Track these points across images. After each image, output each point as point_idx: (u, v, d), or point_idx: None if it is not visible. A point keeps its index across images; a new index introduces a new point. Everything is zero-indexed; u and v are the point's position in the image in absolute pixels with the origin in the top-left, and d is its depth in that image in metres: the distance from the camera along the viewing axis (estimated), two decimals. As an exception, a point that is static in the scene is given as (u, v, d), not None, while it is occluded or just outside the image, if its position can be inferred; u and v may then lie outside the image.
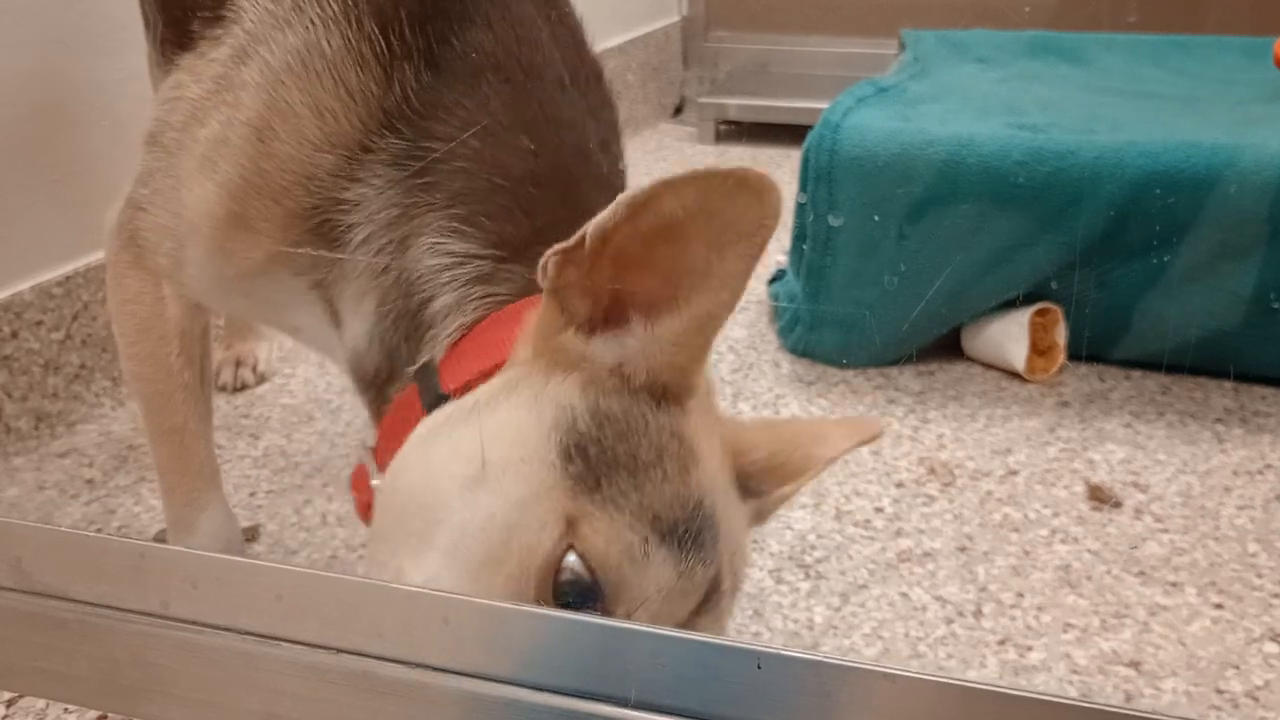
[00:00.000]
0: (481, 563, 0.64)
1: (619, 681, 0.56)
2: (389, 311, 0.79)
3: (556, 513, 0.63)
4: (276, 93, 0.83)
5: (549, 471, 0.64)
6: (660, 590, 0.62)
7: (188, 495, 1.03)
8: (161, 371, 0.98)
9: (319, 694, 0.61)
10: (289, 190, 0.82)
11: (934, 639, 1.11)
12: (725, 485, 0.71)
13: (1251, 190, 1.49)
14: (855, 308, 1.64)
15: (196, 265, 0.90)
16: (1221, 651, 1.09)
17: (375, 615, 0.60)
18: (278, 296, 0.88)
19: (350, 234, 0.81)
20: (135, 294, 0.96)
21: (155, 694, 0.65)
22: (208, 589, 0.63)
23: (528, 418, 0.66)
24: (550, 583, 0.62)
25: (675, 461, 0.64)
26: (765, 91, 2.92)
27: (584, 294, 0.66)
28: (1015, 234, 1.57)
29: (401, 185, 0.80)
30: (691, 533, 0.63)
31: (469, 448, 0.66)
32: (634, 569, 0.62)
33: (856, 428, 0.85)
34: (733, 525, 0.70)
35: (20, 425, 1.42)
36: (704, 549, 0.64)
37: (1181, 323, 1.57)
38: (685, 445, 0.65)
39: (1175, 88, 1.96)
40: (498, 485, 0.64)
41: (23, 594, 0.66)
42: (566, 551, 0.62)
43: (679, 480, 0.64)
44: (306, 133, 0.82)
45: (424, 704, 0.59)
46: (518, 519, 0.63)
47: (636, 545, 0.62)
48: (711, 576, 0.65)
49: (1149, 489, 1.35)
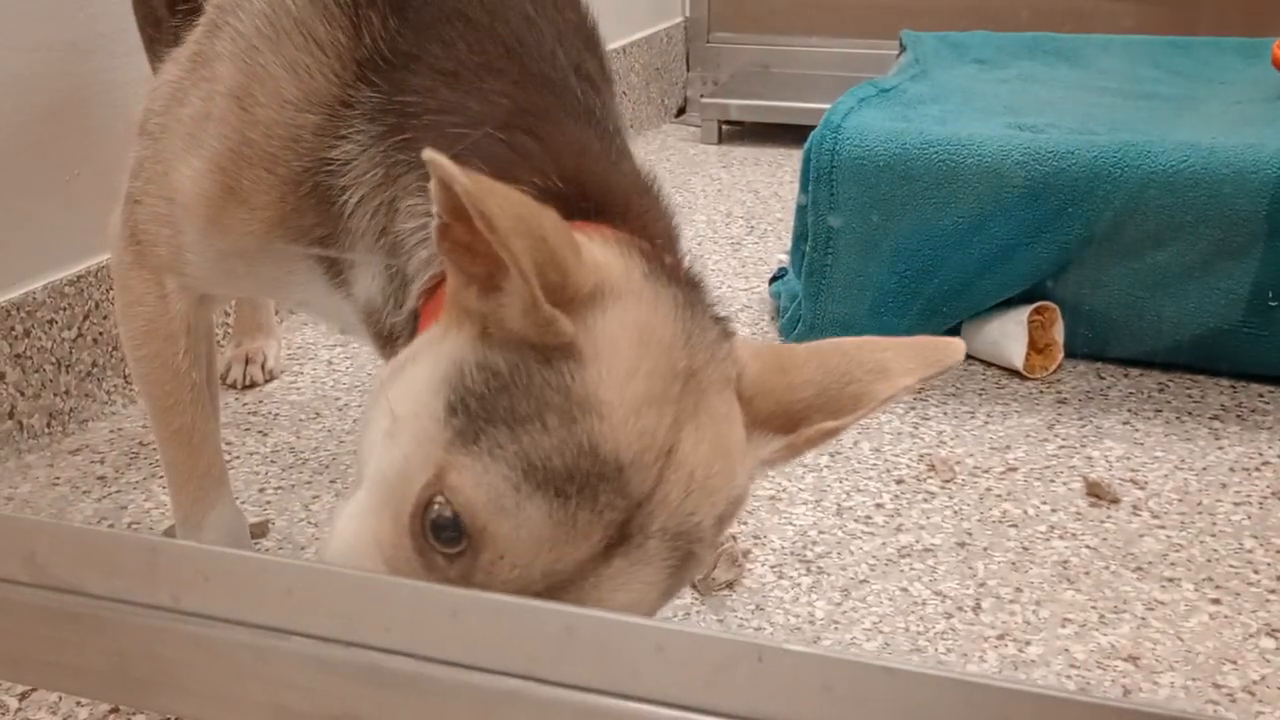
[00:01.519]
0: (379, 505, 0.67)
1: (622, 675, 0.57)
2: (395, 271, 0.80)
3: (431, 462, 0.65)
4: (250, 58, 0.83)
5: (433, 424, 0.66)
6: (536, 536, 0.63)
7: (195, 494, 1.04)
8: (168, 372, 0.99)
9: (328, 687, 0.62)
10: (277, 155, 0.83)
11: (934, 634, 1.12)
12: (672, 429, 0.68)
13: (1249, 190, 1.50)
14: (856, 307, 1.65)
15: (195, 249, 0.90)
16: (1219, 646, 1.10)
17: (384, 609, 0.61)
18: (280, 271, 0.88)
19: (344, 197, 0.81)
20: (139, 295, 0.97)
21: (166, 687, 0.66)
22: (219, 583, 0.64)
23: (428, 372, 0.69)
24: (420, 524, 0.65)
25: (558, 414, 0.64)
26: (767, 92, 2.93)
27: (471, 254, 0.67)
28: (1014, 233, 1.58)
29: (382, 143, 0.80)
30: (577, 481, 0.63)
31: (390, 402, 0.70)
32: (503, 516, 0.63)
33: (924, 353, 0.74)
34: (688, 469, 0.67)
35: (33, 422, 1.44)
36: (596, 498, 0.64)
37: (1179, 321, 1.58)
38: (574, 398, 0.65)
39: (1173, 88, 1.96)
40: (398, 437, 0.68)
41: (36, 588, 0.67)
42: (434, 497, 0.64)
43: (563, 431, 0.64)
44: (285, 93, 0.82)
45: (432, 697, 0.60)
46: (403, 468, 0.66)
47: (506, 493, 0.63)
48: (611, 523, 0.65)
49: (1147, 485, 1.37)
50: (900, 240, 1.61)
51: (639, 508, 0.66)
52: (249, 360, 1.64)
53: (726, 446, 0.71)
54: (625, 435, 0.65)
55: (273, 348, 1.68)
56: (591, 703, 0.57)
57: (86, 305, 1.49)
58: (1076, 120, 1.72)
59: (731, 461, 0.71)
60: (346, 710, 0.62)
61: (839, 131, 1.63)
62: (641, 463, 0.65)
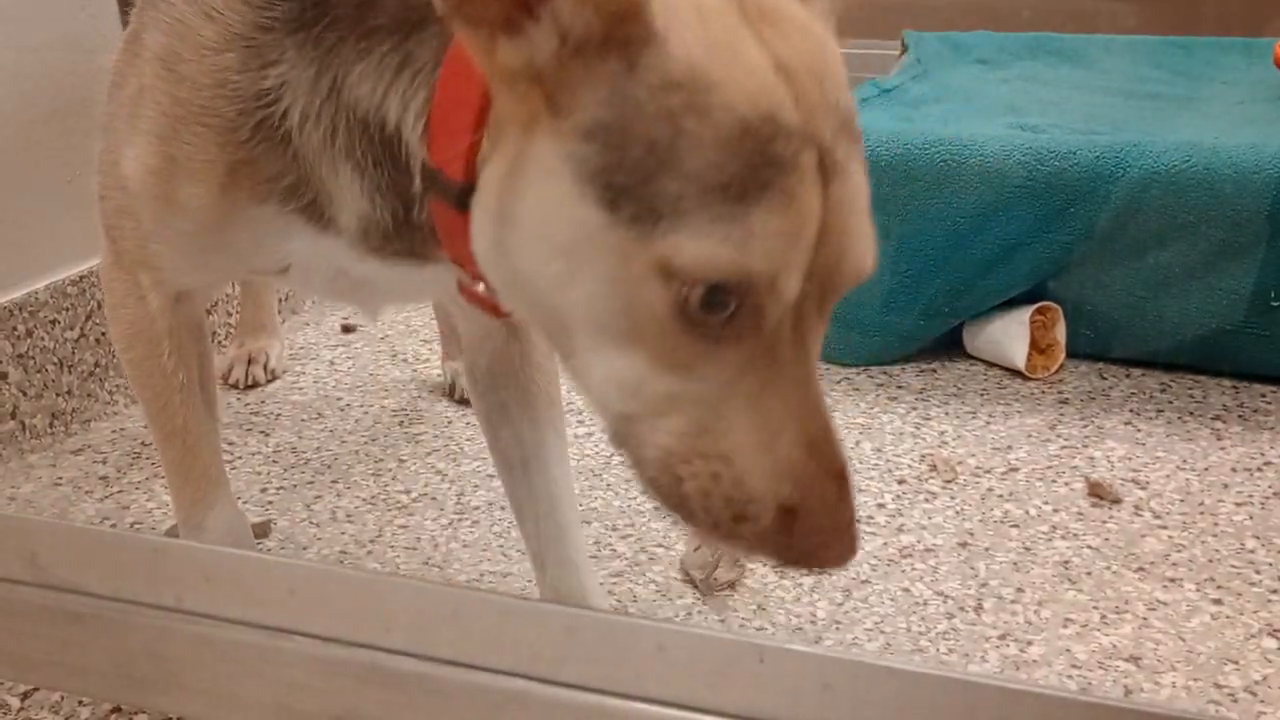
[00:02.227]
0: (626, 346, 0.62)
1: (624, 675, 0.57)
2: (364, 158, 0.75)
3: (645, 268, 0.60)
4: (170, 17, 0.80)
5: (608, 233, 0.60)
6: (779, 232, 0.58)
7: (194, 495, 1.03)
8: (156, 375, 0.97)
9: (330, 686, 0.63)
10: (208, 106, 0.79)
11: (935, 634, 1.12)
12: (763, 46, 0.62)
13: (1250, 190, 1.50)
14: (858, 306, 1.65)
15: (158, 237, 0.87)
16: (1220, 647, 1.10)
17: (385, 609, 0.61)
18: (255, 235, 0.84)
19: (287, 121, 0.77)
20: (121, 298, 0.95)
21: (169, 686, 0.66)
22: (221, 583, 0.64)
23: (542, 203, 0.62)
24: (684, 319, 0.60)
25: (688, 112, 0.59)
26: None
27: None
28: (1016, 233, 1.58)
29: (309, 44, 0.76)
30: (754, 160, 0.58)
31: (534, 259, 0.63)
32: (745, 246, 0.58)
33: None
34: (802, 68, 0.62)
35: (35, 423, 1.44)
36: (781, 158, 0.59)
37: (1181, 321, 1.58)
38: (685, 83, 0.59)
39: (1175, 88, 1.97)
40: (582, 279, 0.62)
41: (38, 588, 0.67)
42: (679, 291, 0.59)
43: (706, 127, 0.59)
44: (203, 39, 0.79)
45: (434, 697, 0.61)
46: (623, 298, 0.61)
47: (727, 230, 0.58)
48: (808, 164, 0.59)
49: (1148, 485, 1.37)
50: (902, 240, 1.62)
51: (808, 132, 0.61)
52: (251, 360, 1.64)
53: (803, 25, 0.66)
54: (747, 85, 0.60)
55: (275, 348, 1.68)
56: (593, 702, 0.57)
57: (89, 305, 1.49)
58: (1079, 120, 1.72)
59: (815, 33, 0.67)
60: (349, 709, 0.62)
61: (841, 131, 1.63)
62: (775, 95, 0.60)
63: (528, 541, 1.04)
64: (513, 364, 1.01)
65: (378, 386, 1.65)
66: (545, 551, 1.03)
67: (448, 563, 1.23)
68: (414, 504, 1.34)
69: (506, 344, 1.01)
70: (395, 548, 1.26)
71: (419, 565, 1.23)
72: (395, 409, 1.58)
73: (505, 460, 1.03)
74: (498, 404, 1.02)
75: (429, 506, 1.34)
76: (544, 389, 1.02)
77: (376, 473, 1.41)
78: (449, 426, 1.53)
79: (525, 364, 1.01)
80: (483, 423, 1.04)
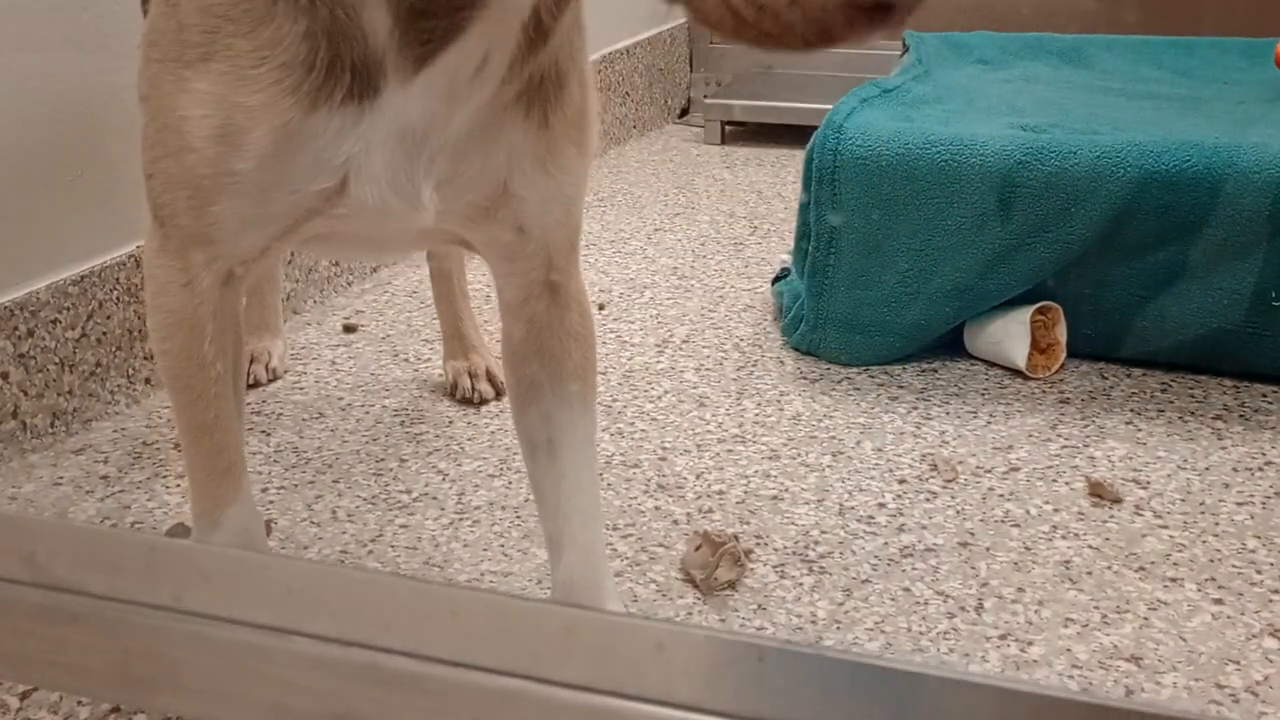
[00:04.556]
0: None
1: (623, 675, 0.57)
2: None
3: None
4: None
5: None
6: None
7: (216, 491, 1.02)
8: (194, 365, 0.95)
9: (328, 686, 0.62)
10: (246, 15, 0.78)
11: (936, 634, 1.12)
12: None
13: (1251, 190, 1.50)
14: (858, 307, 1.65)
15: (216, 192, 0.85)
16: (1221, 647, 1.10)
17: (384, 609, 0.61)
18: (310, 154, 0.82)
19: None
20: (163, 284, 0.92)
21: (167, 686, 0.66)
22: (219, 582, 0.64)
23: None
24: None
25: None
26: (770, 93, 2.93)
27: None
28: (1017, 233, 1.58)
29: None
30: None
31: None
32: None
33: None
34: None
35: (36, 422, 1.44)
36: None
37: (1182, 321, 1.58)
38: None
39: (1176, 88, 1.96)
40: None
41: (37, 588, 0.67)
42: None
43: None
44: None
45: (433, 697, 0.61)
46: None
47: None
48: None
49: (1149, 485, 1.37)
50: (903, 239, 1.62)
51: None
52: (253, 359, 1.64)
53: None
54: None
55: (277, 347, 1.68)
56: (592, 702, 0.57)
57: (90, 305, 1.49)
58: (1079, 120, 1.72)
59: None
60: (347, 710, 0.62)
61: (842, 131, 1.63)
62: None
63: (545, 526, 1.02)
64: (549, 333, 0.99)
65: (379, 386, 1.65)
66: (563, 538, 1.01)
67: (448, 563, 1.23)
68: (415, 504, 1.34)
69: (547, 309, 0.99)
70: (396, 547, 1.26)
71: (419, 565, 1.23)
72: (397, 409, 1.58)
73: (530, 439, 1.02)
74: (528, 379, 1.00)
75: (430, 506, 1.34)
76: (577, 364, 1.00)
77: (377, 472, 1.42)
78: (450, 426, 1.53)
79: (561, 333, 0.99)
80: (512, 399, 1.02)
